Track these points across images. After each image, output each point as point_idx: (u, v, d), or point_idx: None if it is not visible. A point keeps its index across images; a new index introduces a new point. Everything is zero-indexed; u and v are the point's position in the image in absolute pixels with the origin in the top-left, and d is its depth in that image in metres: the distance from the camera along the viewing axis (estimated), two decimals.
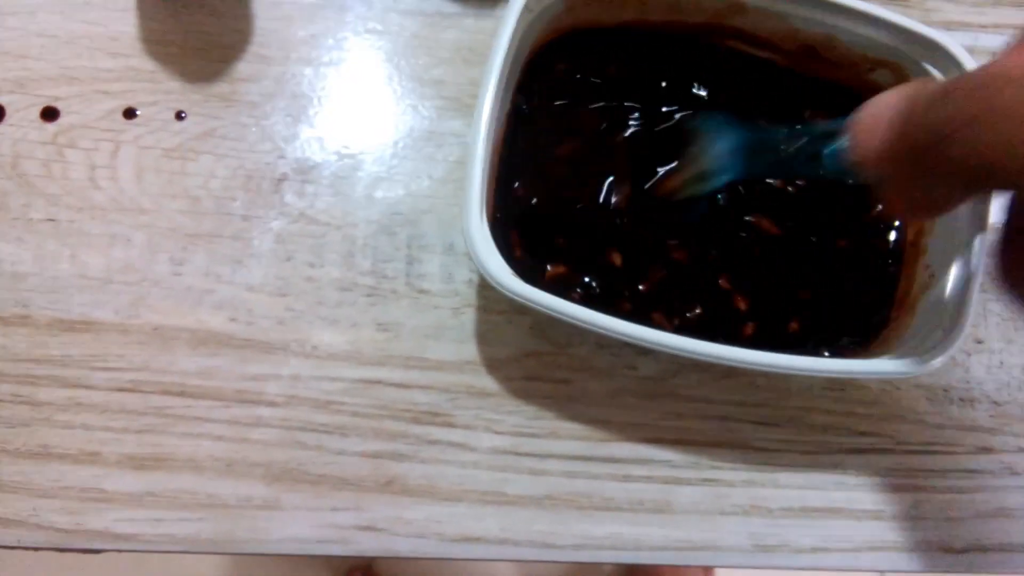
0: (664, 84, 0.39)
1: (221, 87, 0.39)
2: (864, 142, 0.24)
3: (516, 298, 0.32)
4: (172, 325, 0.37)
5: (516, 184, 0.37)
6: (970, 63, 0.34)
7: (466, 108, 0.40)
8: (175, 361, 0.37)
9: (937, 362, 0.31)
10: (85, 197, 0.38)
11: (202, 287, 0.37)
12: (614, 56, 0.39)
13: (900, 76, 0.37)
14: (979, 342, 0.39)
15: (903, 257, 0.37)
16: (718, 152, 0.34)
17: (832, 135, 0.27)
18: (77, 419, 0.36)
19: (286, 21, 0.40)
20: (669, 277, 0.37)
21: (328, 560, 1.07)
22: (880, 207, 0.38)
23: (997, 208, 0.32)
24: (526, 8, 0.34)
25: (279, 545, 0.36)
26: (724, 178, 0.34)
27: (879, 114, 0.24)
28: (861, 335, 0.36)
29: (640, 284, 0.37)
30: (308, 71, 0.40)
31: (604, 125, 0.38)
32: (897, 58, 0.37)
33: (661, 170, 0.37)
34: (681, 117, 0.38)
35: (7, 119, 0.39)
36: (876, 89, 0.38)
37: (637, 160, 0.38)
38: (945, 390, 0.39)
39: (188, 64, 0.39)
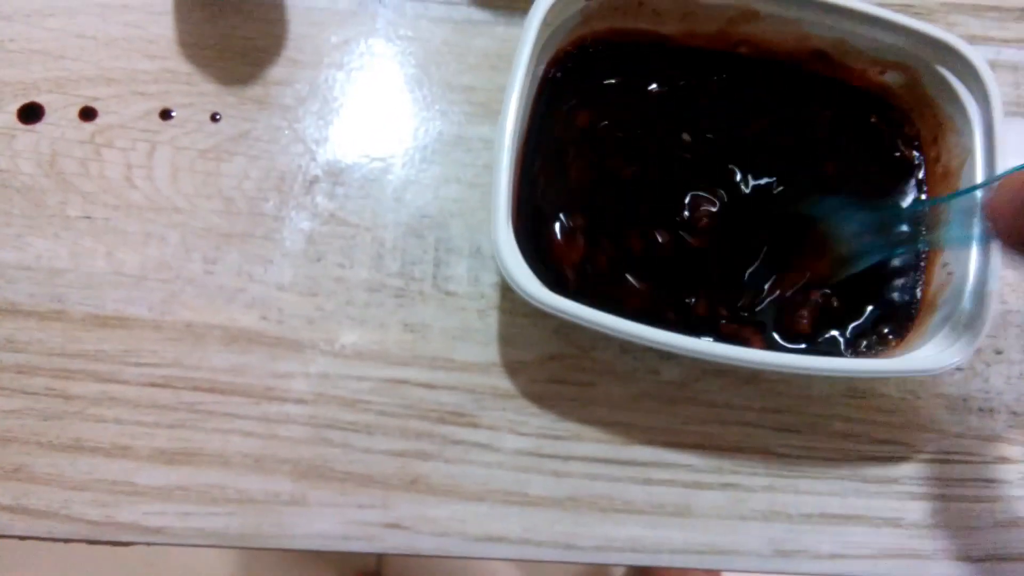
0: (680, 95, 0.39)
1: (255, 90, 0.40)
2: (1006, 225, 0.28)
3: (540, 305, 0.33)
4: (204, 322, 0.38)
5: (541, 188, 0.38)
6: (980, 62, 0.35)
7: (494, 114, 0.41)
8: (206, 358, 0.37)
9: (959, 358, 0.32)
10: (121, 196, 0.39)
11: (234, 286, 0.38)
12: (631, 67, 0.40)
13: (911, 78, 0.38)
14: (999, 352, 0.40)
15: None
16: (852, 233, 0.35)
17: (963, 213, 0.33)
18: (110, 413, 0.37)
19: (319, 27, 0.41)
20: (692, 285, 0.37)
21: (335, 566, 1.07)
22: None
23: None
24: (544, 22, 0.35)
25: (305, 541, 0.37)
26: (874, 258, 0.36)
27: (1016, 199, 0.27)
28: (889, 335, 0.37)
29: (667, 293, 0.37)
30: (340, 75, 0.41)
31: (628, 133, 0.39)
32: (909, 61, 0.37)
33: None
34: (784, 199, 0.38)
35: (46, 118, 0.39)
36: (887, 91, 0.39)
37: (666, 172, 0.38)
38: (964, 400, 0.39)
39: (223, 67, 0.40)
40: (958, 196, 0.35)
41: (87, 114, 0.40)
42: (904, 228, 0.36)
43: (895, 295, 0.38)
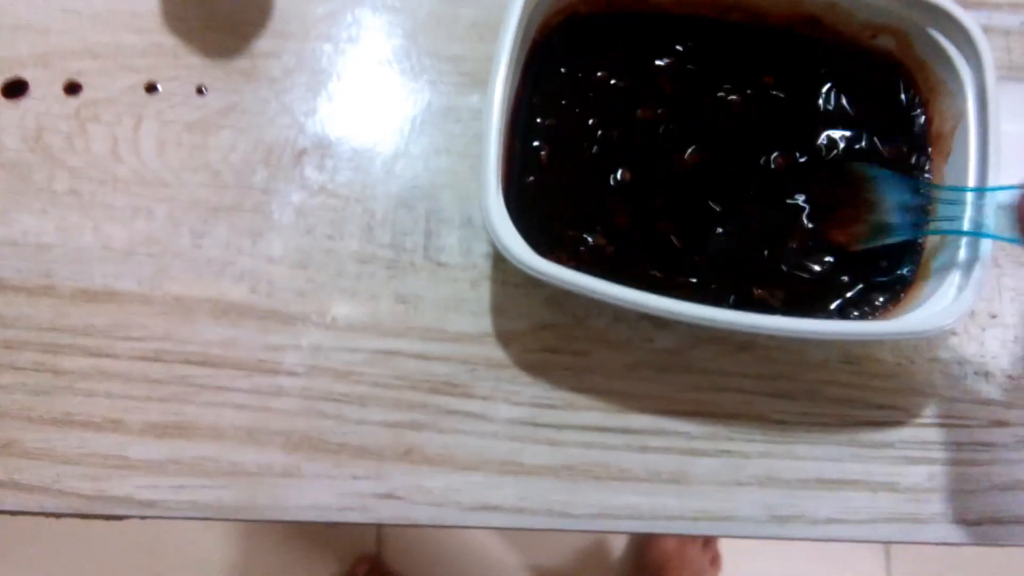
0: (669, 61, 0.39)
1: (242, 63, 0.40)
2: None
3: (533, 273, 0.32)
4: (194, 296, 0.37)
5: (533, 158, 0.37)
6: (972, 25, 0.35)
7: (484, 84, 0.40)
8: (197, 331, 0.37)
9: (953, 320, 0.32)
10: (107, 170, 0.38)
11: (223, 259, 0.38)
12: (621, 36, 0.39)
13: (903, 42, 0.38)
14: (993, 316, 0.39)
15: None
16: (895, 206, 0.35)
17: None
18: (100, 387, 0.37)
19: None
20: (683, 248, 0.37)
21: (335, 550, 1.07)
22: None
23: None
24: None
25: (299, 512, 0.36)
26: (903, 235, 0.35)
27: None
28: (883, 300, 0.36)
29: (658, 257, 0.37)
30: (328, 47, 0.40)
31: (616, 103, 0.38)
32: (900, 24, 0.37)
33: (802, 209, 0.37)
34: (838, 160, 0.38)
35: (31, 93, 0.39)
36: (880, 53, 0.39)
37: (654, 138, 0.38)
38: (960, 364, 0.39)
39: (209, 40, 0.40)
40: (997, 189, 0.34)
41: (72, 89, 0.39)
42: (938, 211, 0.36)
43: (890, 261, 0.37)
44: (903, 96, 0.39)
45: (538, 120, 0.38)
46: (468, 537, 1.07)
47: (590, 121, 0.38)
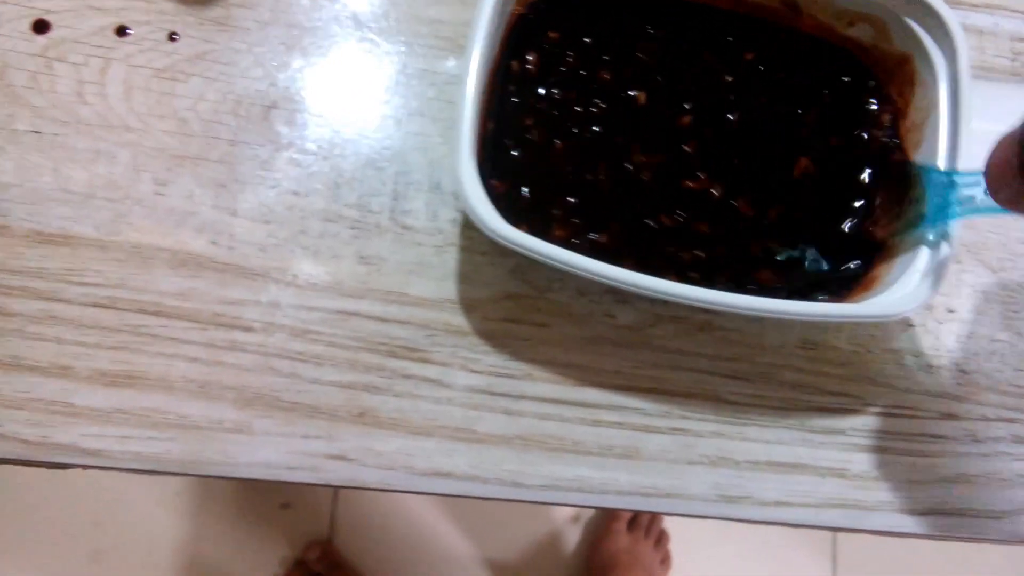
0: (648, 46, 0.39)
1: (216, 11, 0.39)
2: (1000, 188, 0.28)
3: (501, 240, 0.32)
4: (152, 244, 0.37)
5: (502, 137, 0.37)
6: (948, 15, 0.35)
7: (460, 49, 0.40)
8: (153, 281, 0.37)
9: (911, 307, 0.32)
10: (71, 112, 0.38)
11: (185, 208, 0.37)
12: (599, 17, 0.39)
13: (880, 30, 0.38)
14: (951, 311, 0.40)
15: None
16: (936, 207, 0.34)
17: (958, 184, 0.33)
18: (50, 332, 0.36)
19: None
20: (650, 235, 0.37)
21: (286, 533, 1.06)
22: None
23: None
24: None
25: (248, 469, 0.36)
26: (932, 222, 0.35)
27: (1006, 161, 0.27)
28: (844, 287, 0.37)
29: (623, 235, 0.37)
30: (305, 1, 0.40)
31: (590, 83, 0.38)
32: (877, 12, 0.37)
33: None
34: (900, 160, 0.38)
35: None
36: (856, 45, 0.39)
37: (633, 119, 0.38)
38: (915, 356, 0.39)
39: None
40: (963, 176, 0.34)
41: (40, 27, 0.38)
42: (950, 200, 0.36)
43: (854, 247, 0.38)
44: (875, 87, 0.39)
45: (515, 92, 0.37)
46: (421, 526, 1.07)
47: (571, 96, 0.38)
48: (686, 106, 0.38)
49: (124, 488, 1.05)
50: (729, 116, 0.38)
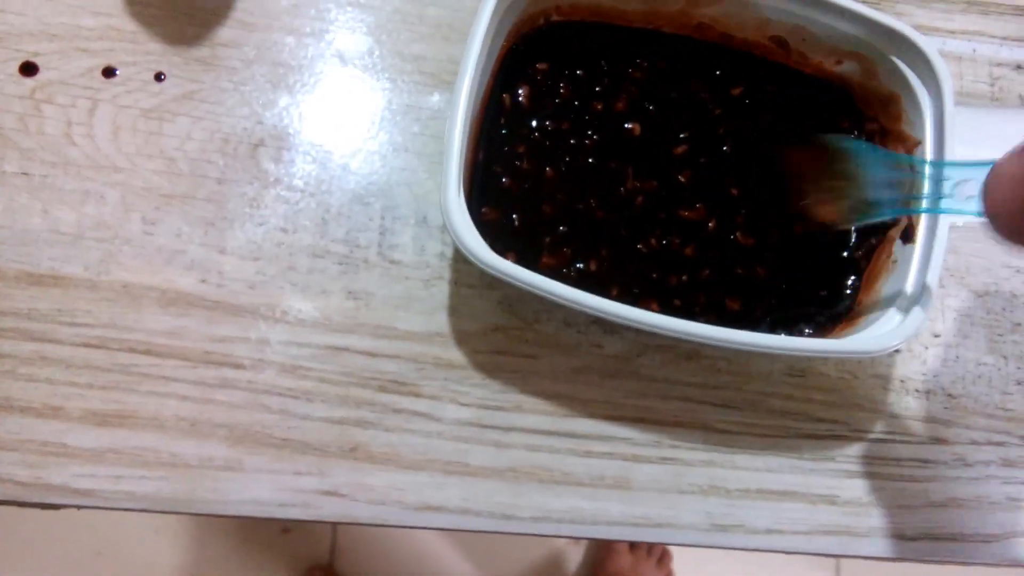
0: (638, 78, 0.39)
1: (202, 51, 0.40)
2: (1004, 202, 0.26)
3: (490, 270, 0.32)
4: (142, 283, 0.37)
5: (492, 166, 0.37)
6: (935, 56, 0.35)
7: (444, 84, 0.40)
8: (143, 320, 0.37)
9: (898, 341, 0.32)
10: (60, 153, 0.38)
11: (173, 247, 0.38)
12: (590, 50, 0.39)
13: (867, 68, 0.38)
14: (936, 336, 0.40)
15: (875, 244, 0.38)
16: (878, 181, 0.34)
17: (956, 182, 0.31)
18: (41, 373, 0.36)
19: None
20: (638, 263, 0.37)
21: (287, 558, 1.06)
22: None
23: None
24: None
25: (239, 507, 0.36)
26: (886, 213, 0.34)
27: (1018, 175, 0.25)
28: (829, 318, 0.37)
29: (607, 269, 0.37)
30: (290, 40, 0.40)
31: (582, 114, 0.39)
32: (865, 51, 0.38)
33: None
34: (815, 134, 0.37)
35: None
36: (844, 81, 0.39)
37: (627, 149, 0.38)
38: (902, 381, 0.40)
39: (169, 26, 0.40)
40: (973, 166, 0.33)
41: (28, 69, 0.39)
42: (919, 187, 0.34)
43: (839, 279, 0.38)
44: (862, 124, 0.40)
45: (505, 124, 0.38)
46: (422, 550, 1.07)
47: (560, 128, 0.38)
48: (681, 136, 0.39)
49: (124, 516, 1.04)
50: (724, 148, 0.39)
